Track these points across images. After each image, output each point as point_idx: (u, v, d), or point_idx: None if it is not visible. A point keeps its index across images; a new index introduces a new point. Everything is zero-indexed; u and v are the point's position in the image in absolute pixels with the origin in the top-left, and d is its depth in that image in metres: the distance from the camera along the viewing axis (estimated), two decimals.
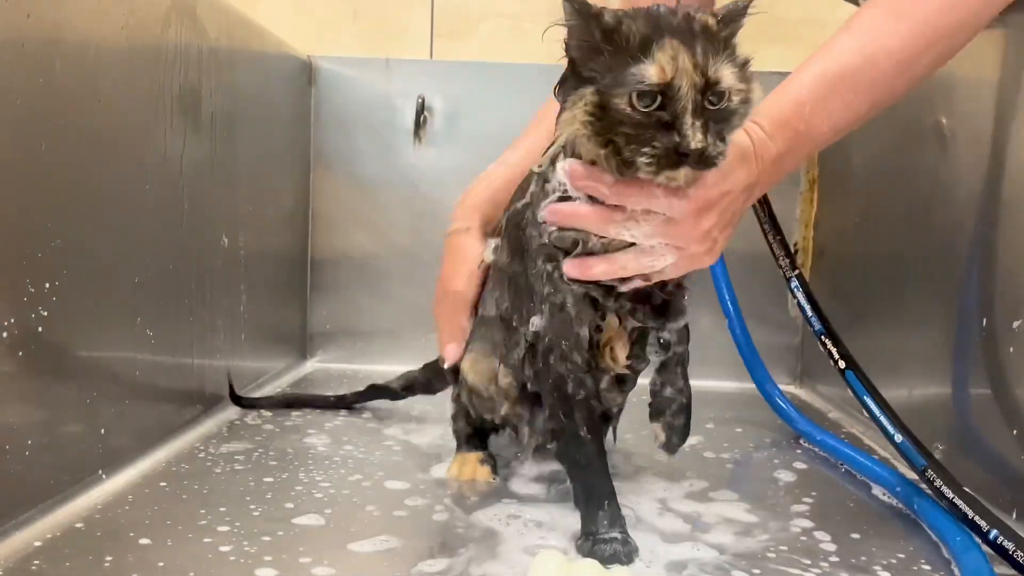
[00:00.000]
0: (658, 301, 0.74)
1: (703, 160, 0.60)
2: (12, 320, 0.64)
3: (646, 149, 0.60)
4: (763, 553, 0.69)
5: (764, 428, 1.08)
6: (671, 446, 0.77)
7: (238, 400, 1.05)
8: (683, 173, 0.62)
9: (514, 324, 0.77)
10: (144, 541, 0.66)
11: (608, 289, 0.71)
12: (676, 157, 0.60)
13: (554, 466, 0.82)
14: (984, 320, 0.80)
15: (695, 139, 0.59)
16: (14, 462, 0.65)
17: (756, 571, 0.65)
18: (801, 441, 1.02)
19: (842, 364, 0.84)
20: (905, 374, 0.96)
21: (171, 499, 0.75)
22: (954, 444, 0.84)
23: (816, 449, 0.98)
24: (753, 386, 1.12)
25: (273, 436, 0.96)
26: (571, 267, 0.69)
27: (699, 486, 0.84)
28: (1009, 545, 0.66)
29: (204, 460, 0.86)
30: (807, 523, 0.75)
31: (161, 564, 0.62)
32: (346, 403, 1.09)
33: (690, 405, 0.78)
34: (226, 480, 0.81)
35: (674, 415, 0.77)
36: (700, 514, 0.77)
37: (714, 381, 1.21)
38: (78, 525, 0.68)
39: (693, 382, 0.78)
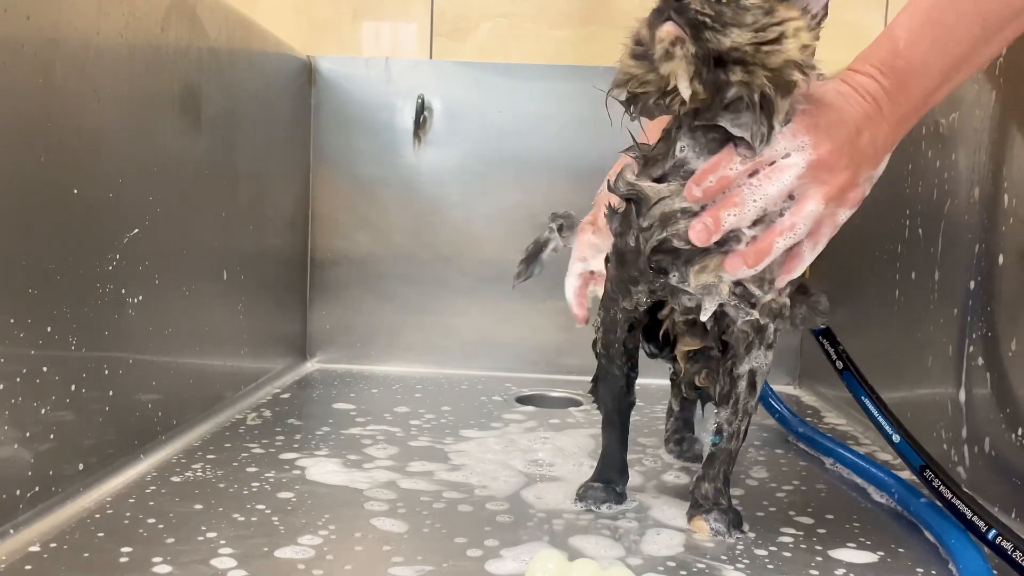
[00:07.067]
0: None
1: (681, 10, 0.63)
2: (12, 320, 0.64)
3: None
4: (756, 553, 0.69)
5: (756, 428, 1.08)
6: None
7: None
8: (665, 29, 0.64)
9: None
10: (139, 544, 0.66)
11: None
12: (660, 11, 0.64)
13: None
14: (984, 320, 0.80)
15: None
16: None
17: (749, 571, 0.65)
18: (792, 440, 1.02)
19: (840, 364, 0.84)
20: (904, 374, 0.96)
21: (179, 497, 0.76)
22: (953, 444, 0.84)
23: (810, 450, 0.98)
24: None
25: (273, 435, 0.96)
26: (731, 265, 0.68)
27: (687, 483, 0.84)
28: (1008, 545, 0.66)
29: (205, 461, 0.86)
30: (801, 523, 0.75)
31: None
32: None
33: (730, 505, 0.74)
34: (228, 480, 0.81)
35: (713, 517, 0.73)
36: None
37: None
38: (64, 530, 0.68)
39: None
